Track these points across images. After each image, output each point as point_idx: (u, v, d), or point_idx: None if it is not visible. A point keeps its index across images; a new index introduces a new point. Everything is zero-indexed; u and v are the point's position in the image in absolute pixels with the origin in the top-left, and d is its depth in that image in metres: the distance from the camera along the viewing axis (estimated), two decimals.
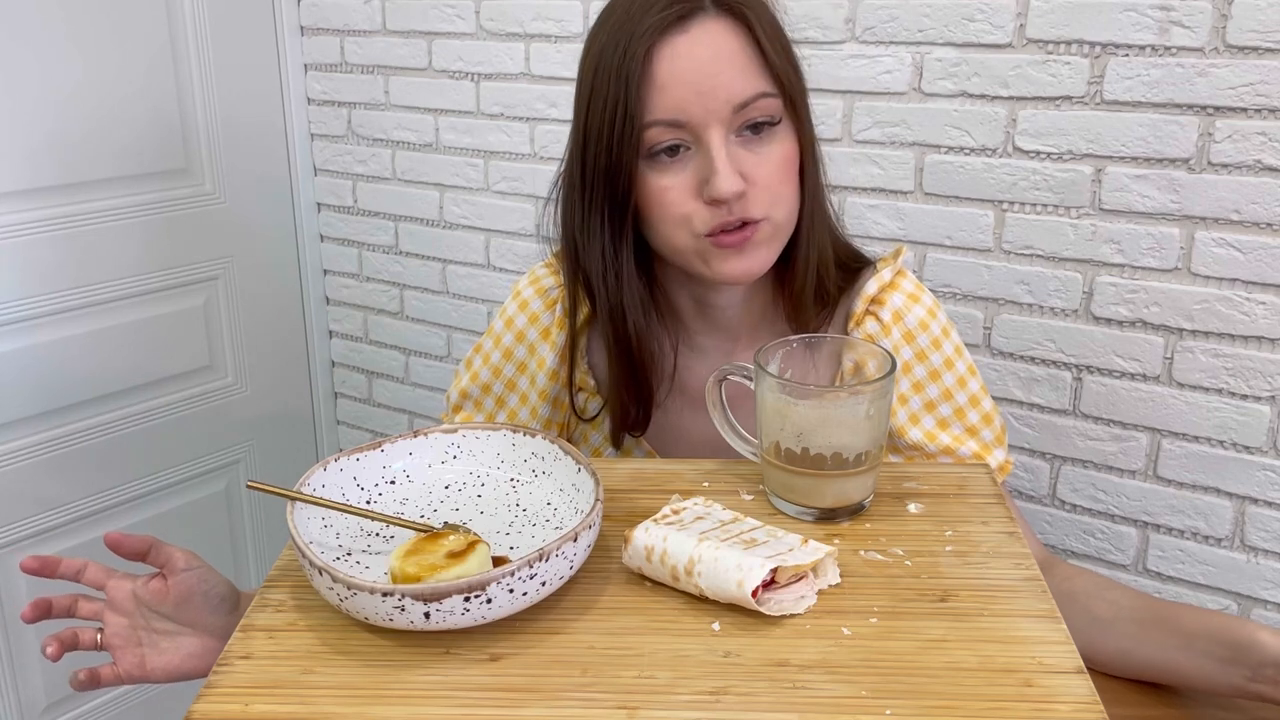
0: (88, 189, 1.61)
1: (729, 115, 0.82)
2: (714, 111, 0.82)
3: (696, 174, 0.84)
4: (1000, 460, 0.96)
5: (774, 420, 0.77)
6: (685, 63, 0.81)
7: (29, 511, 1.61)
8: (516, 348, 1.00)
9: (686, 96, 0.81)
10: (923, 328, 0.93)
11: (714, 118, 0.82)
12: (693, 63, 0.81)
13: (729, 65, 0.82)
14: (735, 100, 0.82)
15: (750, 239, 0.85)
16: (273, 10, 1.81)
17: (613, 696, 0.60)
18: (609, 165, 0.84)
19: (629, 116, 0.82)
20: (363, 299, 1.95)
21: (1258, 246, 1.17)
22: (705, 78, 0.81)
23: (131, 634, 0.91)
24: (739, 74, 0.82)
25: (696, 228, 0.85)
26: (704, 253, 0.86)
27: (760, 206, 0.84)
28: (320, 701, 0.61)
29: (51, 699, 1.69)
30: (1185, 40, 1.16)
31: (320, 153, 1.91)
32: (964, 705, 0.59)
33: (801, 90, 0.87)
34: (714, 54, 0.82)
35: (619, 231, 0.87)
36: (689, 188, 0.84)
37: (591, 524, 0.68)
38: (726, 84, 0.82)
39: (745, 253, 0.85)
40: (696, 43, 0.82)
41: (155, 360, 1.74)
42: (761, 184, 0.84)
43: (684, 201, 0.84)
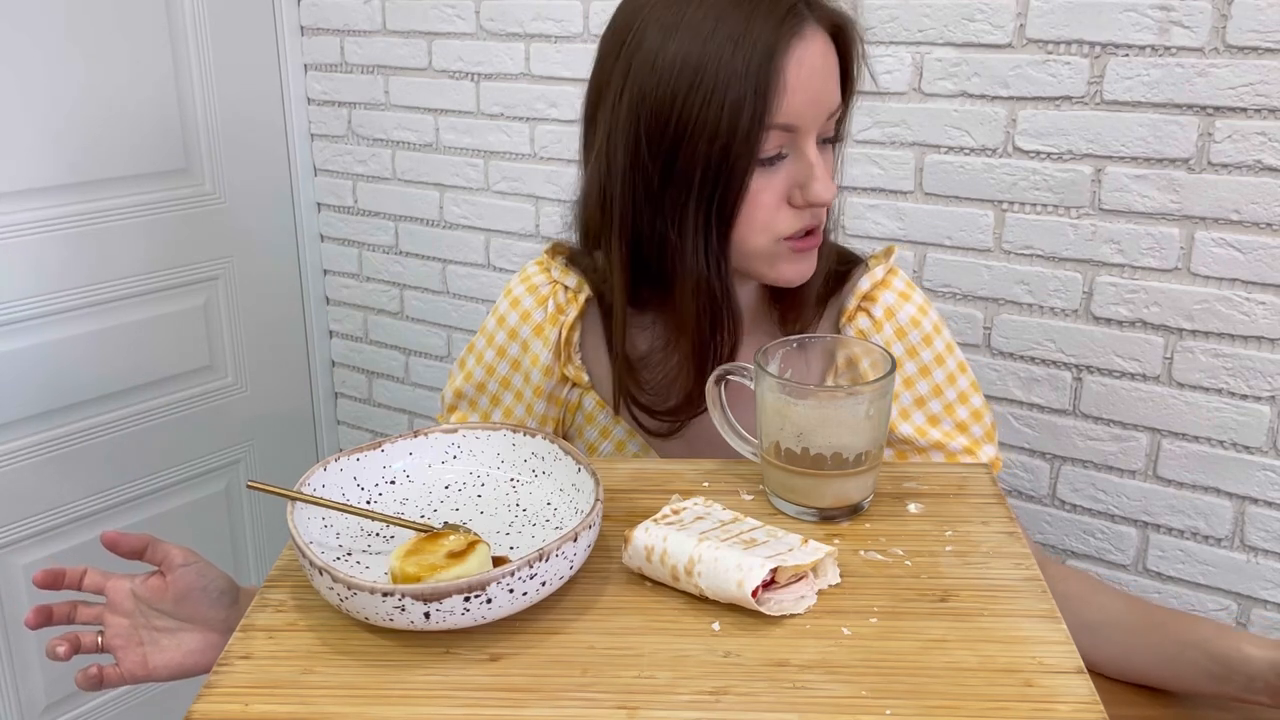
0: (88, 189, 1.61)
1: (824, 124, 0.85)
2: (818, 119, 0.84)
3: (789, 179, 0.85)
4: (990, 456, 0.96)
5: (774, 420, 0.77)
6: (807, 70, 0.82)
7: (29, 511, 1.61)
8: (510, 345, 1.00)
9: (804, 103, 0.82)
10: (914, 324, 0.94)
11: (816, 125, 0.84)
12: (812, 70, 0.82)
13: (831, 75, 0.84)
14: (832, 109, 0.85)
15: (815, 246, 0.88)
16: (273, 10, 1.81)
17: (613, 696, 0.60)
18: (721, 164, 0.82)
19: (758, 118, 0.80)
20: (363, 299, 1.95)
21: (1258, 246, 1.17)
22: (821, 85, 0.83)
23: (133, 634, 0.91)
24: (835, 85, 0.85)
25: (780, 231, 0.85)
26: (775, 255, 0.87)
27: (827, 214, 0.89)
28: (320, 701, 0.61)
29: (51, 699, 1.69)
30: (1185, 40, 1.16)
31: (320, 153, 1.91)
32: (964, 705, 0.59)
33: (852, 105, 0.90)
34: (824, 63, 0.83)
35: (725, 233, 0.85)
36: (780, 192, 0.85)
37: (591, 524, 0.68)
38: (831, 93, 0.84)
39: (809, 257, 0.89)
40: (816, 50, 0.83)
41: (155, 360, 1.74)
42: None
43: (774, 205, 0.85)
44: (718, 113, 0.80)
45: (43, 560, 1.64)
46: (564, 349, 0.97)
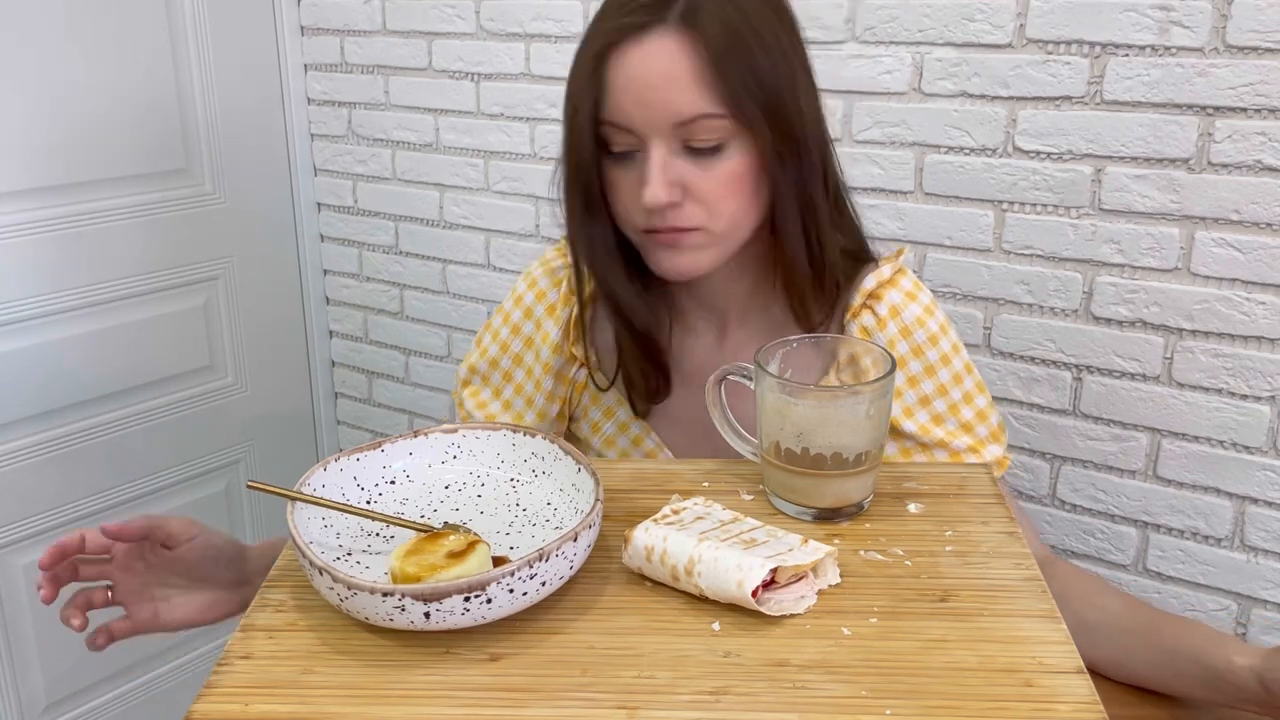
0: (88, 189, 1.61)
1: (670, 130, 0.84)
2: (655, 124, 0.84)
3: (639, 178, 0.86)
4: (997, 456, 0.96)
5: (774, 420, 0.77)
6: (631, 73, 0.83)
7: (29, 511, 1.61)
8: (524, 324, 1.02)
9: (630, 105, 0.84)
10: (919, 324, 0.94)
11: (655, 130, 0.84)
12: (639, 74, 0.83)
13: (674, 82, 0.83)
14: (676, 117, 0.83)
15: (681, 241, 0.88)
16: (273, 10, 1.81)
17: (613, 696, 0.60)
18: (579, 159, 0.88)
19: (590, 114, 0.85)
20: (363, 299, 1.95)
21: (1258, 246, 1.17)
22: (648, 90, 0.83)
23: (143, 590, 0.94)
24: (683, 92, 0.83)
25: (635, 224, 0.89)
26: (644, 246, 0.90)
27: (693, 218, 0.86)
28: (320, 701, 0.61)
29: (51, 699, 1.69)
30: (1185, 40, 1.16)
31: (320, 153, 1.91)
32: (964, 705, 0.59)
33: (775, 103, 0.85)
34: (662, 69, 0.83)
35: (596, 218, 0.90)
36: (633, 188, 0.87)
37: (591, 524, 0.68)
38: (668, 100, 0.83)
39: (678, 253, 0.89)
40: (648, 55, 0.83)
41: (155, 360, 1.74)
42: (699, 197, 0.86)
43: (628, 199, 0.88)
44: (572, 110, 0.88)
45: None
46: (573, 329, 0.99)
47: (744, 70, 0.83)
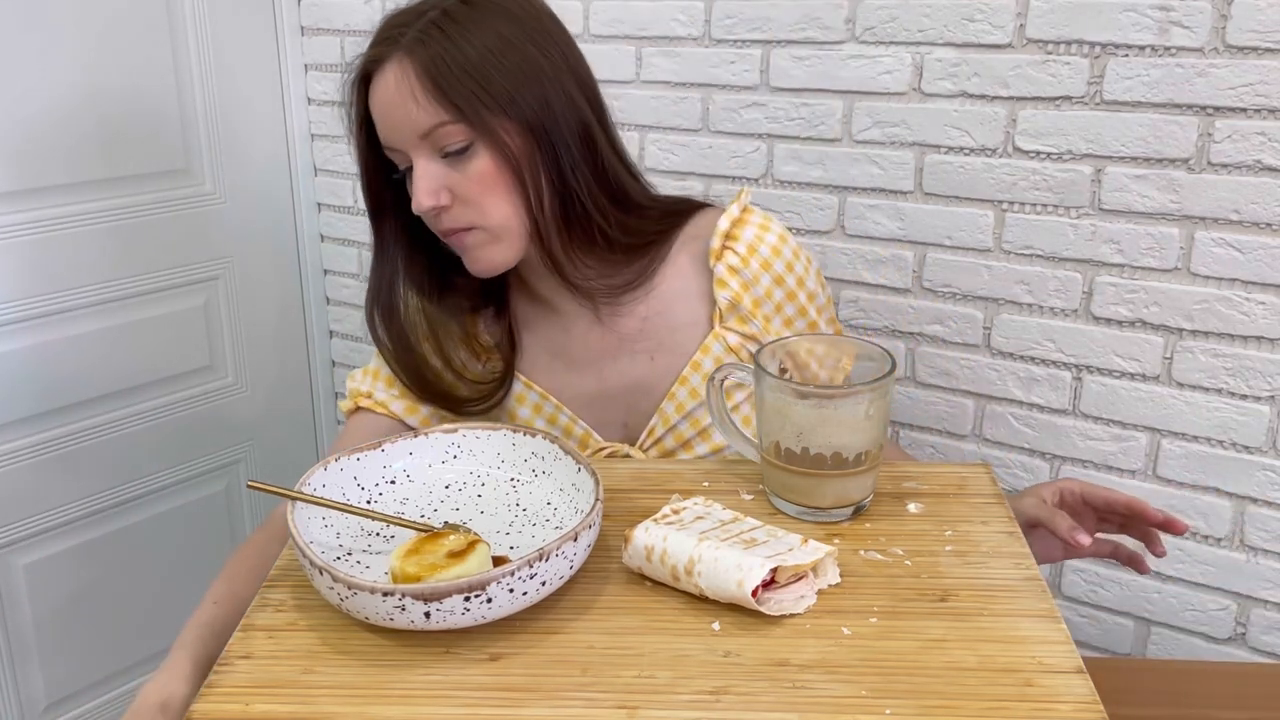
0: (88, 189, 1.61)
1: (418, 142, 0.93)
2: (405, 140, 0.93)
3: None
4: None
5: (774, 420, 0.77)
6: (377, 100, 0.94)
7: (29, 511, 1.61)
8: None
9: (386, 129, 0.94)
10: (776, 254, 1.01)
11: (408, 144, 0.93)
12: (382, 99, 0.93)
13: (409, 100, 0.91)
14: (418, 130, 0.92)
15: (464, 242, 0.96)
16: (273, 10, 1.81)
17: (613, 696, 0.60)
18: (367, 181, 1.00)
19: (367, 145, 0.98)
20: (362, 299, 1.95)
21: (1257, 246, 1.17)
22: (392, 111, 0.93)
23: None
24: (417, 107, 0.91)
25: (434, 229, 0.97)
26: (451, 249, 0.99)
27: (465, 216, 0.94)
28: (320, 701, 0.61)
29: (52, 698, 1.69)
30: (1185, 40, 1.16)
31: (320, 153, 1.91)
32: (964, 705, 0.59)
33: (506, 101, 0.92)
34: (394, 91, 0.92)
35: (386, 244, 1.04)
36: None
37: (591, 524, 0.68)
38: (407, 116, 0.92)
39: (470, 252, 0.97)
40: (385, 83, 0.93)
41: (155, 360, 1.74)
42: (464, 198, 0.94)
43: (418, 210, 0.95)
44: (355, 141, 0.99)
45: (43, 560, 1.64)
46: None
47: (463, 79, 0.92)
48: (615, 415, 1.04)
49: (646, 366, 1.02)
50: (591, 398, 1.04)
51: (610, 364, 1.04)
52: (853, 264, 1.41)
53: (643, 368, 1.02)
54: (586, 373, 1.04)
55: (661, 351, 1.02)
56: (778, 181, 1.44)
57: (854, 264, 1.41)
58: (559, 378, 1.05)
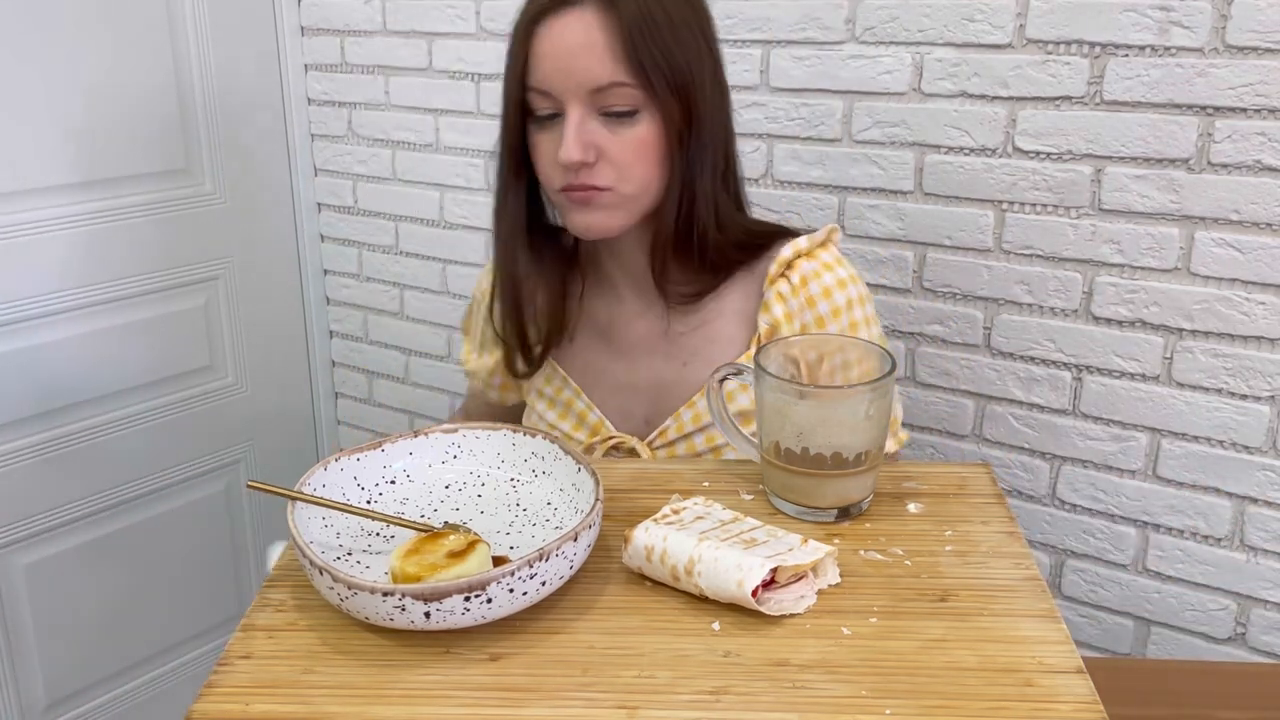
0: (88, 189, 1.61)
1: (586, 95, 0.92)
2: (572, 90, 0.92)
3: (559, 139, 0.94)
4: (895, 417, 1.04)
5: (774, 420, 0.77)
6: (553, 43, 0.92)
7: (29, 511, 1.61)
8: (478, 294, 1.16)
9: (550, 72, 0.93)
10: (826, 294, 1.00)
11: (573, 95, 0.92)
12: (559, 44, 0.92)
13: (589, 52, 0.91)
14: (592, 84, 0.92)
15: (591, 200, 0.95)
16: (273, 10, 1.81)
17: (613, 696, 0.60)
18: (505, 122, 0.98)
19: (516, 80, 0.95)
20: (363, 299, 1.95)
21: (1257, 246, 1.17)
22: (567, 58, 0.92)
23: None
24: (598, 61, 0.91)
25: (553, 183, 0.97)
26: (561, 205, 0.99)
27: (604, 177, 0.94)
28: (320, 701, 0.61)
29: (52, 698, 1.69)
30: (1185, 40, 1.16)
31: (320, 153, 1.91)
32: (964, 705, 0.59)
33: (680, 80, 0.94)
34: (580, 40, 0.91)
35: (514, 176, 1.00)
36: (553, 150, 0.95)
37: (591, 524, 0.68)
38: (584, 68, 0.91)
39: (588, 211, 0.96)
40: (568, 27, 0.92)
41: (155, 360, 1.74)
42: (611, 158, 0.94)
43: (549, 160, 0.96)
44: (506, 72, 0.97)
45: (43, 560, 1.64)
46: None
47: (655, 47, 0.92)
48: (638, 408, 1.05)
49: (678, 371, 1.03)
50: (619, 385, 1.05)
51: (645, 358, 1.05)
52: (853, 264, 1.41)
53: (674, 371, 1.03)
54: (621, 359, 1.06)
55: (696, 360, 1.03)
56: (778, 181, 1.45)
57: (854, 264, 1.41)
58: (595, 357, 1.07)
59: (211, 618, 1.89)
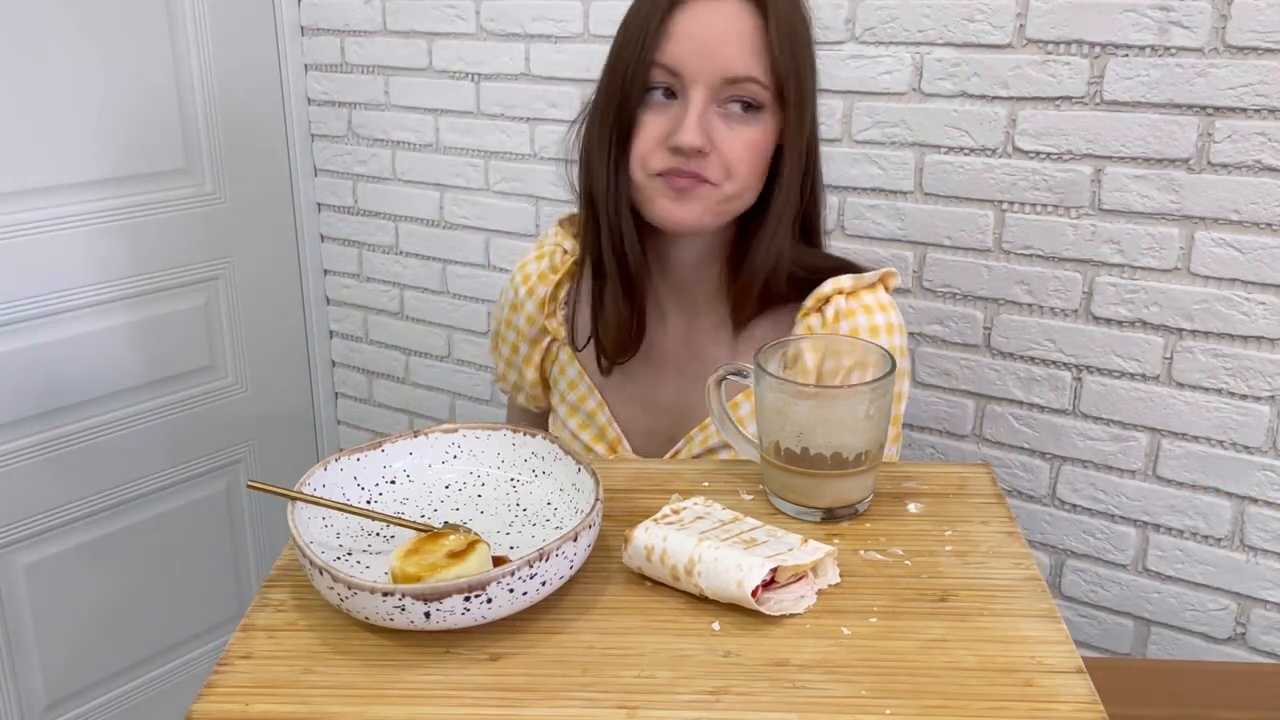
0: (88, 189, 1.61)
1: (718, 84, 0.90)
2: (705, 75, 0.89)
3: (671, 122, 0.91)
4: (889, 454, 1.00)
5: (774, 420, 0.77)
6: (697, 24, 0.89)
7: (29, 511, 1.61)
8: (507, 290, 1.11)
9: (687, 52, 0.89)
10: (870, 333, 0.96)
11: (703, 80, 0.89)
12: (704, 27, 0.89)
13: (733, 41, 0.89)
14: (728, 74, 0.89)
15: (694, 189, 0.92)
16: (273, 10, 1.81)
17: (613, 696, 0.60)
18: (621, 97, 0.92)
19: (643, 52, 0.90)
20: (363, 299, 1.95)
21: (1257, 246, 1.17)
22: (710, 42, 0.89)
23: None
24: (739, 52, 0.89)
25: (652, 166, 0.92)
26: (650, 191, 0.93)
27: (714, 171, 0.91)
28: (320, 701, 0.61)
29: (52, 698, 1.69)
30: (1185, 40, 1.16)
31: (320, 153, 1.91)
32: (964, 705, 0.59)
33: (801, 93, 0.92)
34: (726, 27, 0.89)
35: (624, 152, 0.94)
36: (661, 131, 0.91)
37: (591, 524, 0.68)
38: (725, 56, 0.89)
39: (685, 201, 0.92)
40: (715, 12, 0.89)
41: (155, 360, 1.74)
42: (723, 152, 0.91)
43: (653, 141, 0.92)
44: (621, 47, 0.93)
45: (43, 560, 1.64)
46: (547, 304, 1.07)
47: (793, 52, 0.91)
48: (662, 426, 1.03)
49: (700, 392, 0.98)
50: (646, 401, 1.03)
51: (675, 375, 1.02)
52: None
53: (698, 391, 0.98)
54: (649, 373, 1.03)
55: None
56: None
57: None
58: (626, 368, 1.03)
59: (211, 618, 1.89)
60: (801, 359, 0.83)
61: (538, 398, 1.13)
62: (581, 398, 1.06)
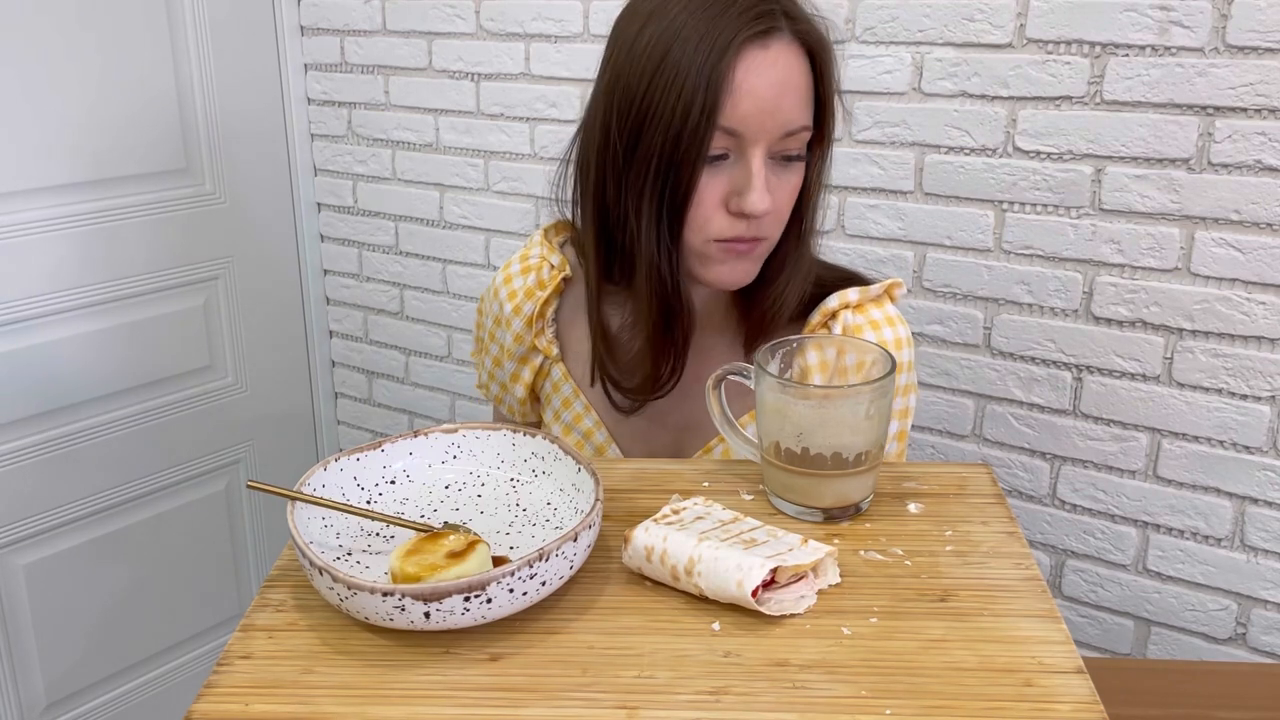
0: (88, 189, 1.61)
1: (777, 138, 0.85)
2: (767, 130, 0.84)
3: (730, 184, 0.86)
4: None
5: (774, 420, 0.77)
6: (760, 79, 0.83)
7: (29, 511, 1.61)
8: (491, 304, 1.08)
9: (751, 111, 0.83)
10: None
11: (765, 136, 0.84)
12: (767, 81, 0.83)
13: (791, 93, 0.84)
14: (788, 126, 0.85)
15: (747, 253, 0.89)
16: (273, 10, 1.81)
17: (613, 696, 0.60)
18: (676, 158, 0.84)
19: (706, 116, 0.82)
20: (363, 299, 1.95)
21: (1258, 246, 1.17)
22: (773, 97, 0.83)
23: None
24: (797, 102, 0.85)
25: (713, 233, 0.87)
26: (707, 256, 0.89)
27: (770, 227, 0.88)
28: (320, 701, 0.61)
29: (52, 698, 1.69)
30: (1185, 40, 1.16)
31: (320, 153, 1.91)
32: (964, 705, 0.59)
33: (831, 137, 0.91)
34: (785, 77, 0.84)
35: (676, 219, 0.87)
36: (720, 194, 0.86)
37: (591, 524, 0.68)
38: (785, 111, 0.84)
39: (741, 264, 0.89)
40: (774, 63, 0.83)
41: (155, 360, 1.74)
42: (777, 207, 0.87)
43: (713, 206, 0.86)
44: (674, 103, 0.83)
45: (43, 560, 1.64)
46: (536, 320, 1.02)
47: (831, 91, 0.88)
48: (662, 447, 1.00)
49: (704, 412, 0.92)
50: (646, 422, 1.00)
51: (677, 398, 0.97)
52: (852, 264, 1.41)
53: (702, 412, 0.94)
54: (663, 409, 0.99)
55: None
56: None
57: (854, 264, 1.41)
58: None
59: (211, 618, 1.89)
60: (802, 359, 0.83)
61: (525, 413, 1.10)
62: (577, 416, 1.03)
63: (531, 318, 1.02)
